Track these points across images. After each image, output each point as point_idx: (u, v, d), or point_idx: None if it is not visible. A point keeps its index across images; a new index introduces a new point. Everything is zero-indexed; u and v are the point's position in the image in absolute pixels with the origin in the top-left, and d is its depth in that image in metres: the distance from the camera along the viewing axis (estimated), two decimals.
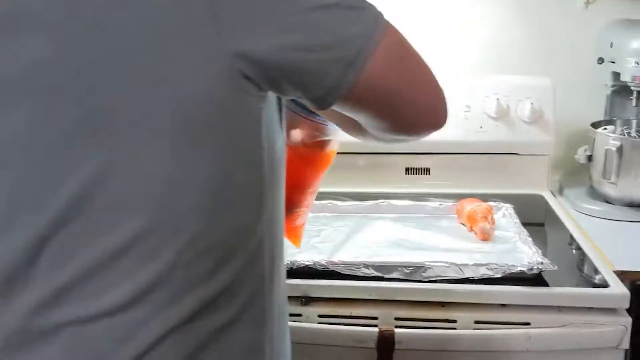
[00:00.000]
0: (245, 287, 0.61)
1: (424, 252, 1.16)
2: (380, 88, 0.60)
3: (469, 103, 1.49)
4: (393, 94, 0.61)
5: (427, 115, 0.66)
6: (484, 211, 1.26)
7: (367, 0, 0.60)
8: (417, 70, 0.63)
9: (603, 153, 1.35)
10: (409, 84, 0.62)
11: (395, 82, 0.61)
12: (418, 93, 0.63)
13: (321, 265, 1.07)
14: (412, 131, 0.68)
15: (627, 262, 1.13)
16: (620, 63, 1.39)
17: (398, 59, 0.60)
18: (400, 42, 0.62)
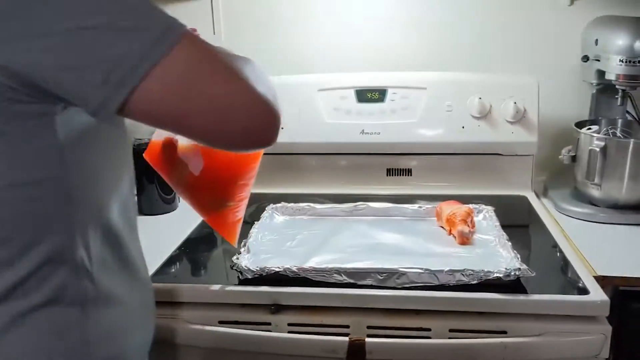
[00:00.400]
0: (57, 274, 0.68)
1: (400, 257, 1.12)
2: (157, 110, 0.60)
3: (450, 102, 1.46)
4: (175, 116, 0.61)
5: (231, 136, 0.64)
6: (463, 214, 1.22)
7: (155, 18, 0.60)
8: (209, 94, 0.61)
9: (587, 154, 1.31)
10: (193, 108, 0.61)
11: (174, 105, 0.60)
12: (206, 117, 0.61)
13: (292, 271, 1.03)
14: (226, 148, 0.68)
15: (610, 267, 1.10)
16: (605, 61, 1.35)
17: (181, 83, 0.60)
18: (189, 64, 0.60)
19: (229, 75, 0.62)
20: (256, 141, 0.65)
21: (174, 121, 0.62)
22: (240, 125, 0.62)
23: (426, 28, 1.58)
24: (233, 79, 0.62)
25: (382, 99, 1.48)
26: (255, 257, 1.14)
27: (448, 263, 1.08)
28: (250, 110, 0.62)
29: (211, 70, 0.61)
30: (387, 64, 1.58)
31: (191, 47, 0.61)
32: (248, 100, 0.62)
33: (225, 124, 0.62)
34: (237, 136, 0.63)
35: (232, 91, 0.61)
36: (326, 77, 1.51)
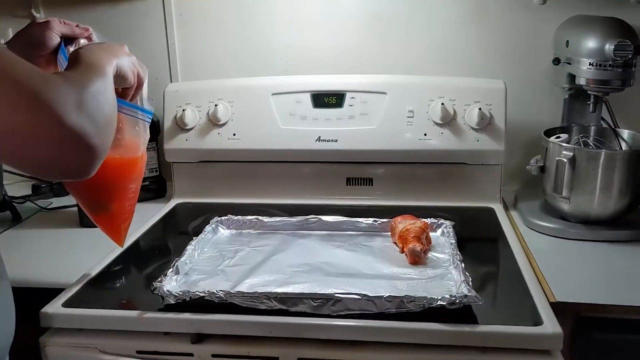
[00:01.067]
0: None
1: (343, 280, 1.03)
2: None
3: (411, 107, 1.37)
4: None
5: (36, 169, 0.60)
6: (417, 231, 1.13)
7: None
8: (5, 124, 0.55)
9: (555, 164, 1.21)
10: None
11: None
12: (5, 147, 0.56)
13: (217, 296, 0.94)
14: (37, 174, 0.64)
15: (572, 291, 1.00)
16: (575, 64, 1.25)
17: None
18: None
19: (31, 101, 0.55)
20: (66, 174, 0.62)
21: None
22: (45, 158, 0.58)
23: (388, 28, 1.48)
24: (36, 107, 0.55)
25: (340, 103, 1.39)
26: (185, 278, 1.05)
27: (394, 286, 1.00)
28: (58, 143, 0.57)
29: (9, 96, 0.55)
30: (346, 67, 1.50)
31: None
32: (54, 133, 0.57)
33: (26, 156, 0.58)
34: (43, 169, 0.60)
35: (35, 122, 0.55)
36: (281, 80, 1.42)
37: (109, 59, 0.79)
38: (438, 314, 0.90)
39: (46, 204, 1.51)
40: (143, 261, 1.17)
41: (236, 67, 1.52)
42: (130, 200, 0.99)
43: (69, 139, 0.57)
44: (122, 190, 0.96)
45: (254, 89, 1.42)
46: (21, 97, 0.55)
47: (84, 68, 0.71)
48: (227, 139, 1.41)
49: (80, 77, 0.66)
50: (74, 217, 1.37)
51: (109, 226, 1.01)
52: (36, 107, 0.56)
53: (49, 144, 0.56)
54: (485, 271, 1.09)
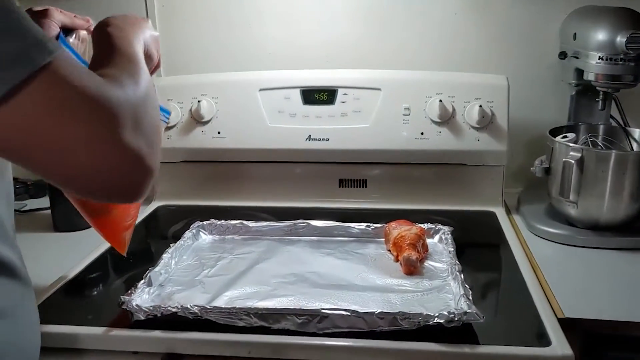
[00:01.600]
0: None
1: (332, 292, 0.94)
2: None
3: (408, 105, 1.28)
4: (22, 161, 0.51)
5: (90, 191, 0.54)
6: (413, 238, 1.04)
7: (13, 32, 0.47)
8: (67, 149, 0.50)
9: (561, 166, 1.12)
10: (44, 162, 0.50)
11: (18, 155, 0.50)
12: (60, 171, 0.51)
13: (191, 312, 0.85)
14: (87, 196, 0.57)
15: (582, 304, 0.92)
16: (583, 58, 1.16)
17: (31, 128, 0.48)
18: (46, 107, 0.48)
19: (96, 126, 0.50)
20: (120, 197, 0.56)
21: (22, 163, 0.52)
22: (104, 183, 0.53)
23: (383, 20, 1.40)
24: (100, 133, 0.50)
25: (332, 100, 1.30)
26: (159, 290, 0.96)
27: (387, 300, 0.91)
28: (118, 169, 0.52)
29: (74, 119, 0.49)
30: (338, 61, 1.41)
31: (54, 82, 0.49)
32: (117, 159, 0.52)
33: (83, 180, 0.52)
34: (99, 192, 0.54)
35: (97, 150, 0.50)
36: (268, 75, 1.33)
37: (139, 39, 0.71)
38: (435, 332, 0.81)
39: (20, 206, 1.42)
40: (117, 270, 1.08)
41: (221, 61, 1.43)
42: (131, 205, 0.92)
43: (129, 164, 0.52)
44: None
45: (240, 84, 1.33)
46: (86, 121, 0.49)
47: (124, 61, 0.63)
48: (211, 138, 1.32)
49: (128, 79, 0.58)
50: (47, 221, 1.28)
51: (110, 232, 0.94)
52: (98, 134, 0.50)
53: (108, 170, 0.51)
54: (486, 282, 1.01)
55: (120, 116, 0.52)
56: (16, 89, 0.46)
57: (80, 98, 0.50)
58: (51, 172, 0.52)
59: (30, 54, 0.47)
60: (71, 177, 0.51)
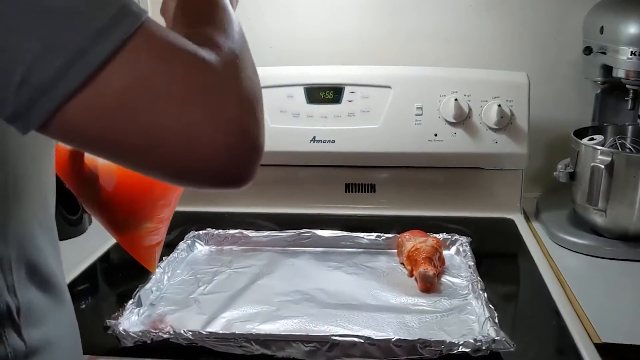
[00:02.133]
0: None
1: (342, 312, 0.86)
2: (86, 133, 0.41)
3: (420, 104, 1.18)
4: (111, 144, 0.42)
5: (190, 177, 0.45)
6: (429, 250, 0.95)
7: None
8: (164, 123, 0.42)
9: (588, 171, 1.03)
10: (139, 140, 0.42)
11: (111, 131, 0.41)
12: (158, 151, 0.42)
13: (185, 338, 0.76)
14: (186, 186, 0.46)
15: (618, 327, 0.83)
16: (612, 54, 1.07)
17: (127, 102, 0.40)
18: (142, 75, 0.41)
19: (200, 92, 0.42)
20: (226, 182, 0.46)
21: (110, 150, 0.43)
22: (206, 164, 0.44)
23: (394, 13, 1.30)
24: (204, 102, 0.42)
25: (338, 99, 1.21)
26: (150, 310, 0.87)
27: (403, 322, 0.83)
28: (225, 146, 0.43)
29: (173, 88, 0.41)
30: (345, 57, 1.31)
31: (150, 45, 0.41)
32: (224, 133, 0.43)
33: (182, 162, 0.43)
34: (200, 176, 0.45)
35: (200, 120, 0.42)
36: (270, 72, 1.23)
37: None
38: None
39: None
40: (106, 285, 1.00)
41: None
42: (164, 216, 0.85)
43: (237, 140, 0.43)
44: (163, 203, 0.83)
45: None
46: (188, 89, 0.42)
47: (213, 12, 0.54)
48: None
49: (227, 40, 0.49)
50: None
51: (138, 247, 0.86)
52: (202, 102, 0.42)
53: (214, 147, 0.42)
54: (509, 300, 0.92)
55: (228, 76, 0.45)
56: (118, 47, 0.40)
57: (178, 52, 0.43)
58: (145, 163, 0.44)
59: (129, 7, 0.41)
60: (169, 165, 0.43)
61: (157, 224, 0.85)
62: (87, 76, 0.39)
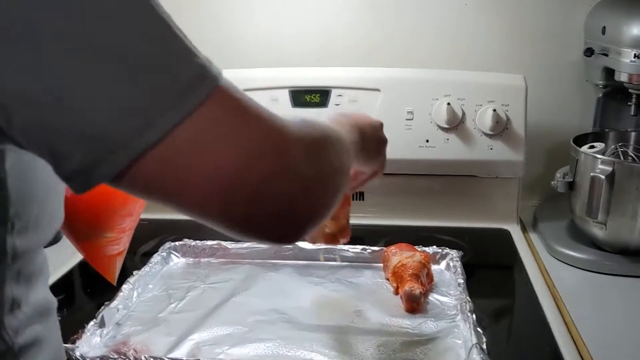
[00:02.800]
0: None
1: (318, 335, 0.80)
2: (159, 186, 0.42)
3: (411, 108, 1.13)
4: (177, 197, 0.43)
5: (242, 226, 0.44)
6: (416, 267, 0.89)
7: (184, 59, 0.42)
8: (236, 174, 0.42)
9: (588, 181, 0.97)
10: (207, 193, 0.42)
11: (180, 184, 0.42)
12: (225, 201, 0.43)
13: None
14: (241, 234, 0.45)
15: (617, 352, 0.77)
16: (614, 56, 1.01)
17: (201, 156, 0.41)
18: (219, 131, 0.42)
19: (269, 152, 0.43)
20: (275, 233, 0.46)
21: (171, 200, 0.44)
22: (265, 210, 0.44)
23: (383, 11, 1.24)
24: (273, 160, 0.43)
25: (324, 102, 1.15)
26: (115, 330, 0.82)
27: (384, 348, 0.76)
28: (284, 195, 0.44)
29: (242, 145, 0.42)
30: (332, 58, 1.25)
31: (224, 106, 0.43)
32: (283, 182, 0.44)
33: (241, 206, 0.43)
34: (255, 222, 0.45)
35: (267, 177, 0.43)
36: (253, 74, 1.18)
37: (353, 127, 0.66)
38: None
39: None
40: (71, 303, 0.94)
41: None
42: (126, 226, 0.84)
43: (295, 185, 0.44)
44: (124, 213, 0.83)
45: None
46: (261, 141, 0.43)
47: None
48: None
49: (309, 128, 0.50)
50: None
51: (98, 257, 0.84)
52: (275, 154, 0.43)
53: (286, 200, 0.43)
54: (500, 320, 0.87)
55: (290, 139, 0.45)
56: (196, 107, 0.40)
57: (249, 111, 0.44)
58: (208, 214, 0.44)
59: (209, 70, 0.42)
60: (230, 203, 0.43)
61: (117, 234, 0.83)
62: (162, 135, 0.39)
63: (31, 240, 0.51)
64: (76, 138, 0.39)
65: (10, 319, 0.49)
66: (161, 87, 0.40)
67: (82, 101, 0.38)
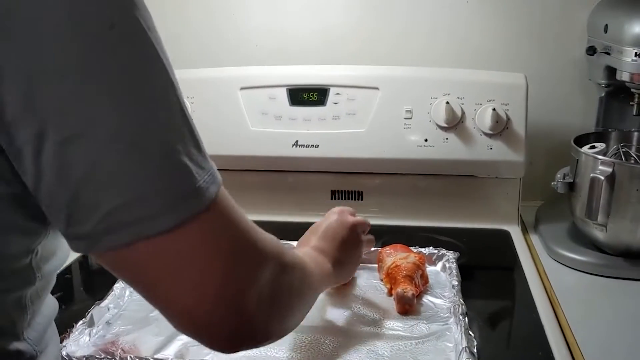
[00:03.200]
0: None
1: (305, 337, 0.79)
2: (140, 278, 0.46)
3: (410, 107, 1.11)
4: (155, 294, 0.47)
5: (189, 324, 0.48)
6: (410, 268, 0.88)
7: (196, 161, 0.45)
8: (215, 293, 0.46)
9: (588, 182, 0.95)
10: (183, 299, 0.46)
11: (161, 287, 0.46)
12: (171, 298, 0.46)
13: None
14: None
15: (615, 355, 0.75)
16: (616, 55, 0.99)
17: (184, 265, 0.45)
18: (206, 246, 0.45)
19: (232, 272, 0.47)
20: (212, 343, 0.51)
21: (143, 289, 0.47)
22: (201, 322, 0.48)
23: (383, 8, 1.23)
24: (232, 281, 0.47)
25: (322, 101, 1.14)
26: (105, 330, 0.82)
27: (373, 350, 0.76)
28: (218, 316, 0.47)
29: (227, 265, 0.46)
30: (330, 56, 1.24)
31: (218, 222, 0.46)
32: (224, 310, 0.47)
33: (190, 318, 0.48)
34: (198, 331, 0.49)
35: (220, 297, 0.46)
36: (251, 72, 1.17)
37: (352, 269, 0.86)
38: None
39: None
40: (65, 301, 0.93)
41: (197, 55, 1.27)
42: None
43: (233, 314, 0.48)
44: None
45: (219, 81, 1.17)
46: (242, 270, 0.48)
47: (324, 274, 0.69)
48: None
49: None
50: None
51: None
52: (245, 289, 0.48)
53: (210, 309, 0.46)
54: (493, 326, 0.84)
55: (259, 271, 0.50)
56: (193, 215, 0.44)
57: (242, 240, 0.49)
58: (169, 305, 0.48)
59: (213, 178, 0.46)
60: (184, 312, 0.47)
61: None
62: (170, 227, 0.43)
63: (55, 263, 0.55)
64: (96, 208, 0.42)
65: (29, 332, 0.52)
66: (183, 182, 0.43)
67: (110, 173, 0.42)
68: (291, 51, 1.26)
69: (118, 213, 0.42)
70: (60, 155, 0.40)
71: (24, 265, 0.50)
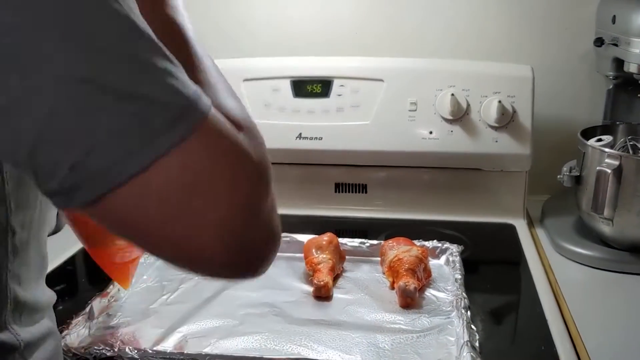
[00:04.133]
0: None
1: (307, 330, 0.79)
2: (135, 221, 0.40)
3: (414, 99, 1.10)
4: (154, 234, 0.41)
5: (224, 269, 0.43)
6: (412, 261, 0.87)
7: (170, 87, 0.39)
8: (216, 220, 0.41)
9: (594, 175, 0.94)
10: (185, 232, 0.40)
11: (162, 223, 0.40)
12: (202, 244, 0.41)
13: (130, 357, 0.70)
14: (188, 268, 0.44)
15: (619, 356, 0.74)
16: (624, 46, 0.97)
17: (182, 194, 0.40)
18: (201, 170, 0.40)
19: (252, 197, 0.43)
20: (247, 274, 0.46)
21: (141, 238, 0.42)
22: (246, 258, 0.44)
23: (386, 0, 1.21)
24: (257, 205, 0.43)
25: (326, 92, 1.13)
26: (105, 321, 0.82)
27: (374, 343, 0.76)
28: (265, 245, 0.45)
29: (229, 184, 0.41)
30: (334, 47, 1.23)
31: (209, 143, 0.41)
32: (266, 235, 0.45)
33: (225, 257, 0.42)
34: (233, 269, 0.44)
35: (251, 224, 0.42)
36: (254, 63, 1.17)
37: None
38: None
39: None
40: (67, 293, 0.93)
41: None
42: None
43: (273, 239, 0.45)
44: None
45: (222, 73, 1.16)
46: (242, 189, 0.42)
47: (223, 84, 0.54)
48: None
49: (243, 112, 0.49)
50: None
51: (109, 263, 0.81)
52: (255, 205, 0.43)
53: (256, 247, 0.43)
54: (496, 321, 0.84)
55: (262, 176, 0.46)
56: (179, 142, 0.39)
57: (236, 158, 0.43)
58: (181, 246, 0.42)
59: (197, 102, 0.40)
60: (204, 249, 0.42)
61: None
62: (142, 167, 0.38)
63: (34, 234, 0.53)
64: (61, 160, 0.38)
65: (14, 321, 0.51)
66: (148, 118, 0.38)
67: (69, 124, 0.37)
68: (295, 42, 1.25)
69: (95, 158, 0.38)
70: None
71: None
